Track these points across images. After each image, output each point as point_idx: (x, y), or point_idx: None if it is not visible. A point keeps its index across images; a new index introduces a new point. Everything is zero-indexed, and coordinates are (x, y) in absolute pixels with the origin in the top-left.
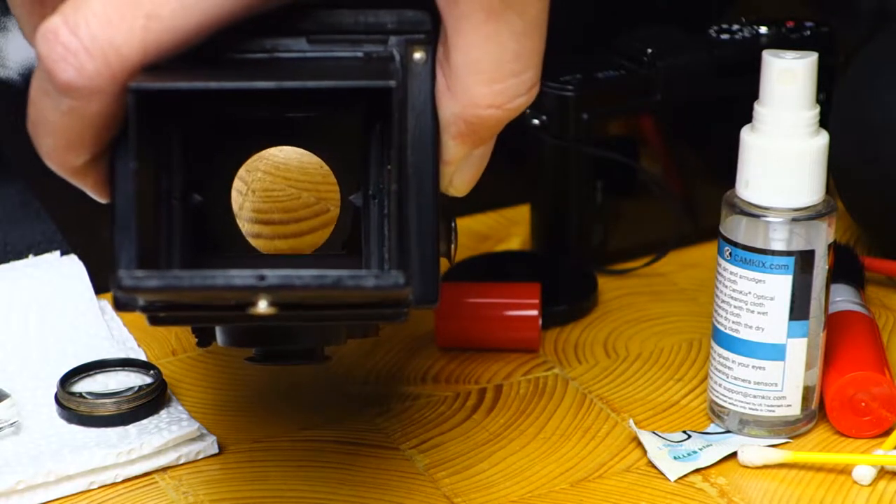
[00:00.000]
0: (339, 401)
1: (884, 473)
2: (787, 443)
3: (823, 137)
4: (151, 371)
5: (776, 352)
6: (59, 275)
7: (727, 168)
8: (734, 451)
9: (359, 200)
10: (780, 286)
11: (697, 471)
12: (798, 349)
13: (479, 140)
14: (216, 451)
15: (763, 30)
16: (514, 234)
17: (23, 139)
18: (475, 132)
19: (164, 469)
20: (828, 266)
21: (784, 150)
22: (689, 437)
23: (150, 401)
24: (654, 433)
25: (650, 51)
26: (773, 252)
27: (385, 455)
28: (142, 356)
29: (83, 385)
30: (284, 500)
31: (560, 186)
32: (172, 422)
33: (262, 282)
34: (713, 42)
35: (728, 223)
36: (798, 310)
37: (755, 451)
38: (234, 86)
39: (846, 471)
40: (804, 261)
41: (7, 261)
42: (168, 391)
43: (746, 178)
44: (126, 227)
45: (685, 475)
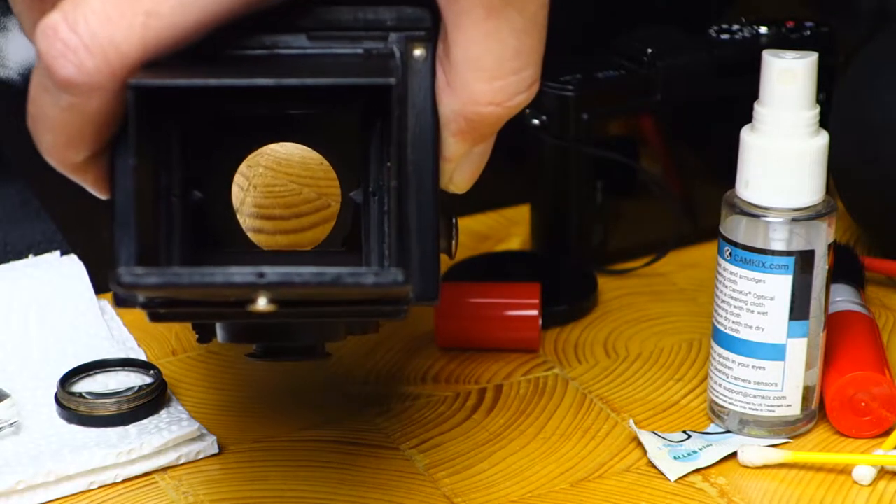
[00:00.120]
0: (339, 401)
1: (884, 473)
2: (787, 443)
3: (823, 137)
4: (151, 371)
5: (776, 352)
6: (59, 275)
7: (727, 168)
8: (734, 451)
9: (359, 197)
10: (780, 286)
11: (697, 471)
12: (798, 349)
13: (480, 137)
14: (216, 451)
15: (763, 30)
16: (514, 234)
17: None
18: (475, 129)
19: (164, 469)
20: (828, 266)
21: (784, 150)
22: (689, 437)
23: (150, 401)
24: (654, 433)
25: (650, 51)
26: (773, 252)
27: (385, 455)
28: (142, 356)
29: (83, 385)
30: (284, 500)
31: (560, 186)
32: (172, 422)
33: (262, 279)
34: (713, 42)
35: (728, 223)
36: (798, 310)
37: (755, 451)
38: (234, 82)
39: (846, 471)
40: (804, 261)
41: (7, 261)
42: (168, 391)
43: (746, 178)
44: (126, 224)
45: (685, 475)
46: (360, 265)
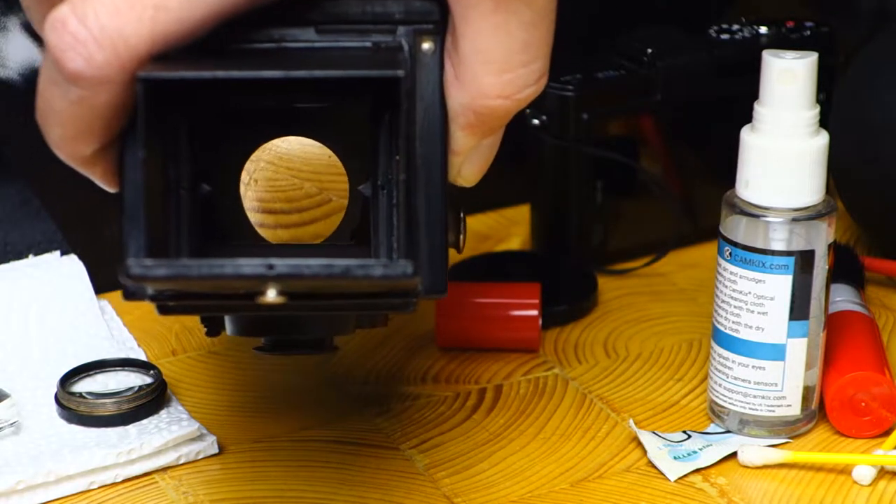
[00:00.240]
0: (339, 401)
1: (884, 473)
2: (787, 443)
3: (823, 137)
4: (151, 371)
5: (776, 352)
6: (59, 275)
7: (727, 168)
8: (734, 451)
9: (367, 190)
10: (780, 286)
11: (697, 471)
12: (798, 349)
13: (488, 130)
14: (216, 451)
15: (763, 30)
16: (514, 234)
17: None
18: (484, 122)
19: (164, 469)
20: (828, 266)
21: (784, 150)
22: (689, 437)
23: (150, 401)
24: (654, 433)
25: (650, 51)
26: (773, 252)
27: (385, 455)
28: (142, 356)
29: (83, 385)
30: (284, 500)
31: (560, 186)
32: (172, 422)
33: (271, 271)
34: (713, 42)
35: (728, 223)
36: (798, 310)
37: (755, 451)
38: (243, 75)
39: (846, 471)
40: (804, 261)
41: (7, 261)
42: (168, 391)
43: (746, 178)
44: (135, 217)
45: (685, 475)
46: (369, 258)
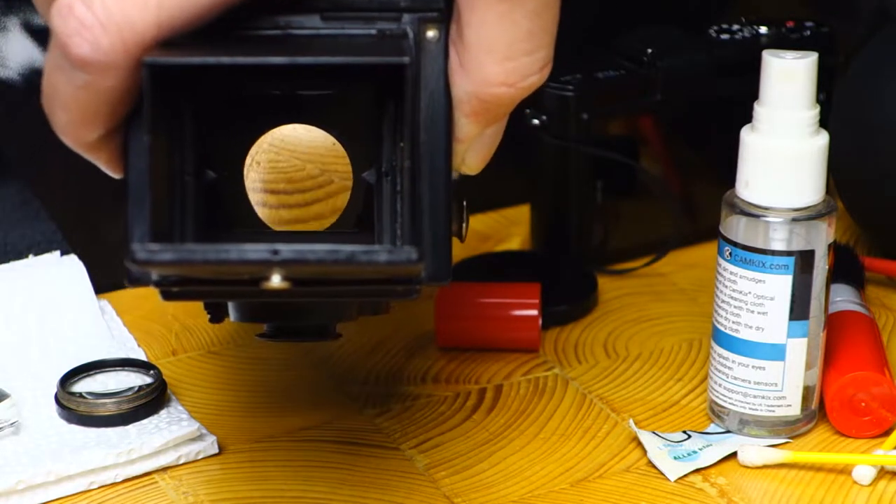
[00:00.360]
0: (340, 401)
1: (884, 473)
2: (787, 443)
3: (823, 137)
4: (151, 371)
5: (776, 352)
6: (59, 275)
7: (727, 168)
8: (734, 451)
9: (371, 178)
10: (780, 286)
11: (697, 471)
12: (798, 349)
13: (492, 118)
14: (216, 451)
15: (763, 30)
16: (514, 234)
17: (23, 139)
18: (488, 110)
19: (164, 469)
20: (828, 266)
21: (784, 150)
22: (689, 437)
23: (150, 401)
24: (654, 433)
25: (650, 51)
26: (773, 252)
27: (385, 455)
28: (142, 356)
29: (83, 385)
30: (284, 500)
31: (560, 186)
32: (172, 422)
33: (276, 256)
34: (713, 42)
35: (728, 223)
36: (798, 310)
37: (755, 451)
38: (248, 61)
39: (846, 471)
40: (804, 261)
41: (7, 261)
42: (168, 391)
43: (746, 178)
44: (140, 202)
45: (685, 475)
46: (373, 245)
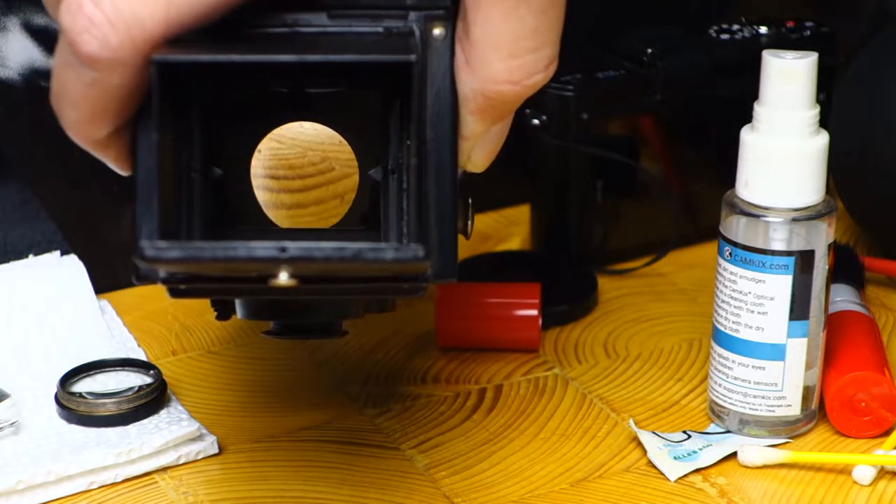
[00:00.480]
0: (339, 401)
1: (884, 473)
2: (787, 443)
3: (823, 137)
4: (151, 371)
5: (776, 352)
6: (59, 275)
7: (727, 168)
8: (734, 451)
9: (378, 175)
10: (780, 286)
11: (697, 471)
12: (798, 349)
13: (498, 115)
14: (216, 451)
15: (763, 30)
16: (514, 234)
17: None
18: (494, 108)
19: (164, 469)
20: (828, 266)
21: (784, 150)
22: (689, 437)
23: (150, 401)
24: (654, 433)
25: (650, 51)
26: (773, 252)
27: (385, 455)
28: (142, 356)
29: (83, 385)
30: (284, 500)
31: (560, 186)
32: (172, 422)
33: (284, 253)
34: (713, 42)
35: (728, 223)
36: (798, 310)
37: (755, 451)
38: (255, 59)
39: (846, 471)
40: (804, 261)
41: (7, 261)
42: (168, 391)
43: (746, 178)
44: (148, 199)
45: (685, 475)
46: (380, 242)
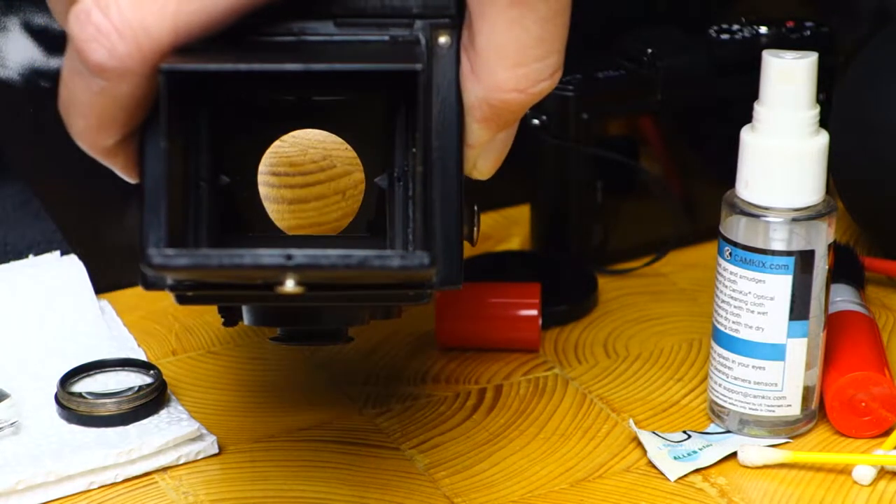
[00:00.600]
0: (340, 401)
1: (884, 473)
2: (787, 443)
3: (823, 137)
4: (151, 371)
5: (776, 352)
6: (59, 275)
7: (727, 168)
8: (734, 451)
9: (384, 182)
10: (780, 286)
11: (697, 471)
12: (798, 349)
13: (503, 123)
14: (216, 451)
15: (763, 30)
16: (514, 234)
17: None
18: (499, 116)
19: (164, 469)
20: (828, 266)
21: (784, 150)
22: (689, 437)
23: (150, 401)
24: (654, 433)
25: (650, 51)
26: (773, 252)
27: (385, 455)
28: (142, 356)
29: (83, 385)
30: (284, 500)
31: (560, 186)
32: (172, 422)
33: (290, 261)
34: (713, 42)
35: (728, 223)
36: (798, 310)
37: (755, 451)
38: (263, 68)
39: (846, 471)
40: (804, 261)
41: (7, 261)
42: (168, 391)
43: (746, 178)
44: (155, 207)
45: (685, 475)
46: (386, 250)
